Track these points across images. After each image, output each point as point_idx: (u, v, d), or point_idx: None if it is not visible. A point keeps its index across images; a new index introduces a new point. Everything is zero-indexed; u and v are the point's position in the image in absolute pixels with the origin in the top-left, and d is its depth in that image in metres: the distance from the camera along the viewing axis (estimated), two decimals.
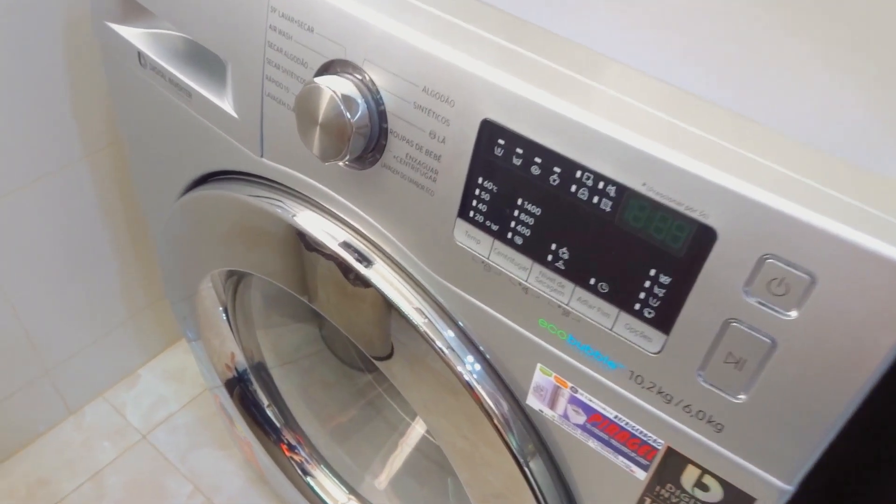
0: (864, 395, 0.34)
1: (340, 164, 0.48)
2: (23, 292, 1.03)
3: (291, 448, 0.84)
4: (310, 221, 0.53)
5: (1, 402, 1.09)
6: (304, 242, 0.54)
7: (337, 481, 0.84)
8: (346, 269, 0.52)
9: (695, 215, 0.35)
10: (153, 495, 1.14)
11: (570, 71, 0.39)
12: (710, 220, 0.34)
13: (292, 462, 0.84)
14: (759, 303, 0.34)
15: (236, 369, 0.81)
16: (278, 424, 0.84)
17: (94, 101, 0.97)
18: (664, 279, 0.37)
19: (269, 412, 0.83)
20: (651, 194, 0.36)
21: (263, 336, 0.81)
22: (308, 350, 0.85)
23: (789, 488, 0.38)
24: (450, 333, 0.50)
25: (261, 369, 0.81)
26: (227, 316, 0.75)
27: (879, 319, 0.32)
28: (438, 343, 0.49)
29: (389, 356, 0.55)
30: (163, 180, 0.68)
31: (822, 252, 0.32)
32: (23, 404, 1.13)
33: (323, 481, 0.84)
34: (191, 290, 0.72)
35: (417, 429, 0.87)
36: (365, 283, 0.51)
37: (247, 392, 0.82)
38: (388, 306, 0.51)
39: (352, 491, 0.83)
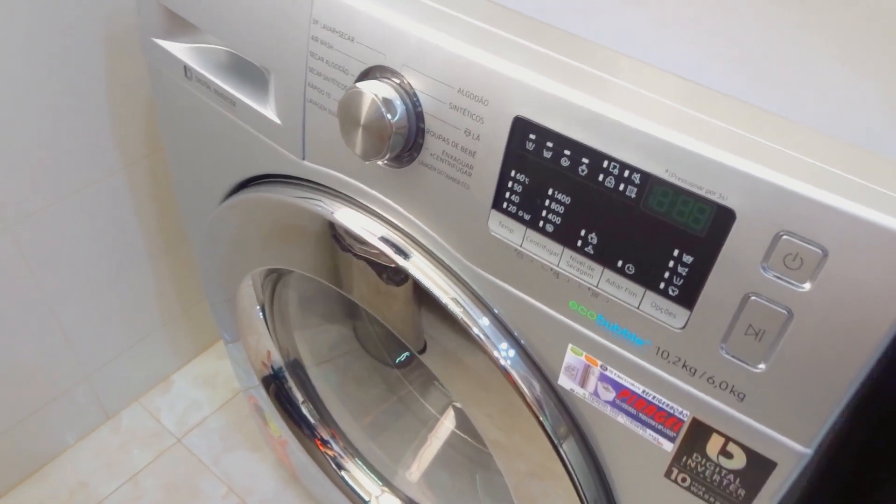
0: (874, 359, 0.37)
1: (380, 162, 0.52)
2: (64, 300, 1.07)
3: (325, 443, 0.87)
4: (349, 218, 0.56)
5: (43, 406, 1.13)
6: (344, 238, 0.58)
7: (371, 474, 0.87)
8: (384, 261, 0.56)
9: (714, 198, 0.38)
10: (188, 497, 1.17)
11: (594, 70, 0.43)
12: (729, 202, 0.38)
13: (326, 456, 0.88)
14: (776, 276, 0.37)
15: (272, 367, 0.84)
16: (312, 420, 0.87)
17: (131, 115, 1.01)
18: (687, 259, 0.40)
19: (303, 408, 0.86)
20: (673, 180, 0.39)
21: (300, 337, 0.84)
22: (342, 349, 0.88)
23: (808, 451, 0.41)
24: (485, 321, 0.53)
25: (296, 366, 0.84)
26: (263, 314, 0.78)
27: (886, 287, 0.34)
28: (475, 330, 0.53)
29: (426, 346, 0.59)
30: (205, 186, 0.72)
31: (833, 227, 0.35)
32: (63, 409, 1.17)
33: (357, 475, 0.87)
34: (231, 292, 0.76)
35: (446, 424, 0.90)
36: (403, 274, 0.55)
37: (282, 389, 0.85)
38: (426, 296, 0.54)
39: (386, 483, 0.86)
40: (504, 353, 0.53)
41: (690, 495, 0.48)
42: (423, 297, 0.55)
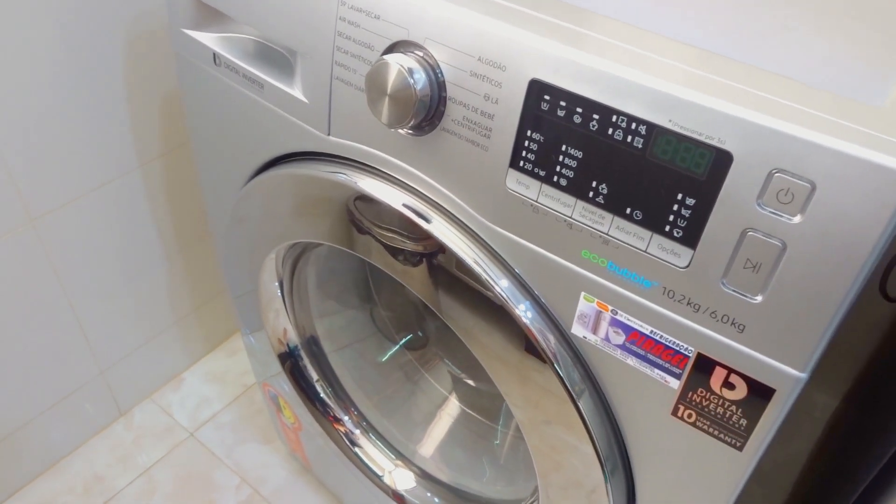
0: (860, 283, 0.41)
1: (403, 131, 0.56)
2: (82, 296, 1.11)
3: (339, 420, 0.91)
4: (373, 186, 0.60)
5: (62, 400, 1.16)
6: (363, 222, 0.62)
7: (384, 449, 0.91)
8: (399, 245, 0.60)
9: (714, 143, 0.42)
10: (202, 488, 1.20)
11: (600, 35, 0.47)
12: (726, 146, 0.42)
13: (340, 433, 0.91)
14: (770, 212, 0.42)
15: (288, 345, 0.88)
16: (326, 397, 0.91)
17: (148, 116, 1.06)
18: (690, 201, 0.44)
19: (317, 386, 0.90)
20: (676, 129, 0.43)
21: (319, 324, 0.88)
22: (359, 335, 0.92)
23: (803, 376, 0.45)
24: (504, 282, 0.57)
25: (311, 345, 0.88)
26: (281, 291, 0.82)
27: (866, 214, 0.39)
28: (497, 289, 0.57)
29: (446, 308, 0.63)
30: (230, 169, 0.76)
31: (819, 162, 0.39)
32: (79, 404, 1.20)
33: (370, 450, 0.91)
34: (255, 270, 0.80)
35: (456, 402, 0.94)
36: (419, 256, 0.59)
37: (297, 367, 0.89)
38: (442, 265, 0.59)
39: (399, 456, 0.90)
40: (523, 313, 0.57)
41: (696, 431, 0.52)
42: (441, 264, 0.59)
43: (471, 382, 0.93)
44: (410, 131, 0.56)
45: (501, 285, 0.57)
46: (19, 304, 1.03)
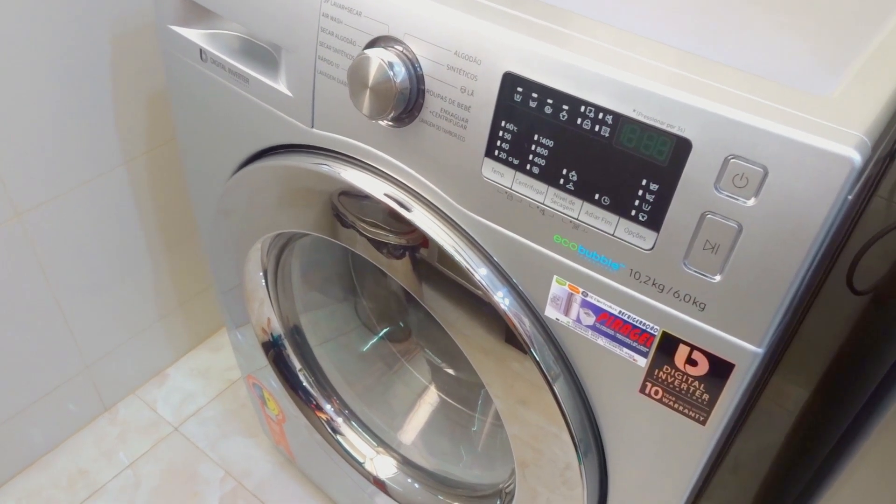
0: (810, 260, 0.44)
1: (383, 123, 0.58)
2: (68, 291, 1.12)
3: (321, 408, 0.93)
4: (356, 177, 0.63)
5: (47, 395, 1.17)
6: (347, 216, 0.65)
7: (366, 436, 0.93)
8: (383, 238, 0.63)
9: (674, 131, 0.45)
10: (187, 481, 1.21)
11: (570, 31, 0.50)
12: (686, 134, 0.45)
13: (322, 421, 0.93)
14: (727, 195, 0.45)
15: (271, 334, 0.90)
16: (309, 387, 0.93)
17: (133, 113, 1.07)
18: (653, 186, 0.47)
19: (300, 376, 0.92)
20: (640, 118, 0.46)
21: (304, 317, 0.91)
22: (344, 327, 0.94)
23: (760, 350, 0.48)
24: (483, 270, 0.60)
25: (295, 333, 0.90)
26: (265, 281, 0.84)
27: (814, 196, 0.42)
28: (476, 277, 0.59)
29: (428, 298, 0.65)
30: (215, 163, 0.78)
31: (771, 149, 0.42)
32: (63, 399, 1.21)
33: (352, 437, 0.93)
34: (241, 261, 0.82)
35: (434, 391, 0.96)
36: (402, 249, 0.62)
37: (280, 356, 0.91)
38: (431, 252, 0.61)
39: (380, 443, 0.92)
40: (501, 300, 0.59)
41: (663, 407, 0.55)
42: (423, 257, 0.62)
43: (450, 372, 0.95)
44: (391, 123, 0.58)
45: (480, 273, 0.59)
46: (5, 299, 1.04)
